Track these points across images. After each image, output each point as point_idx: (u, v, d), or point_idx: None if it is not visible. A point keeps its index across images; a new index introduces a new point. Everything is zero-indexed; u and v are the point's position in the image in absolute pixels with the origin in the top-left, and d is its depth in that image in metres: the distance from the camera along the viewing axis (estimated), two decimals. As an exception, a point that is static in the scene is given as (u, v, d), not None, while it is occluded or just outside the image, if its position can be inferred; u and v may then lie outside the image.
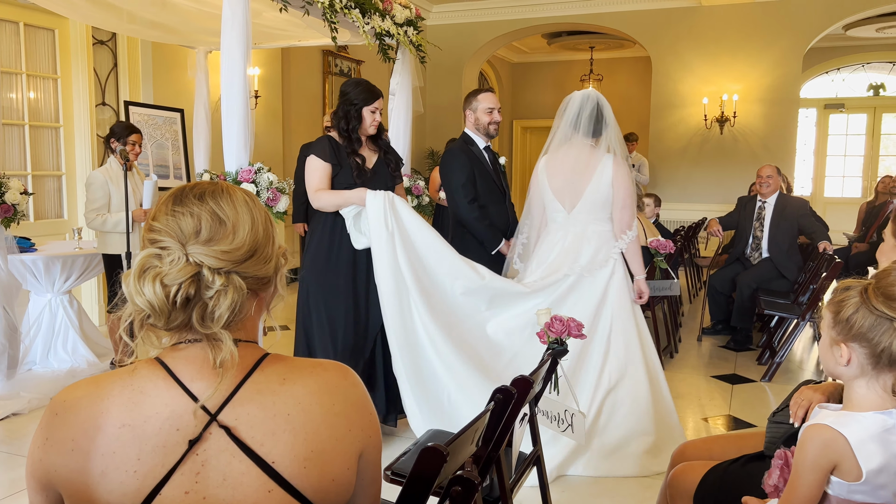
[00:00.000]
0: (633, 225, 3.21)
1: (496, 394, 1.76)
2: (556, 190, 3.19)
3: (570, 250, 3.13)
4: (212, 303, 0.98)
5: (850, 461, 1.39)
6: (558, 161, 3.20)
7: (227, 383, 0.99)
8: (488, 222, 3.58)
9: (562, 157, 3.19)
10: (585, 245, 3.13)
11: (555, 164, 3.21)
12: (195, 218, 1.00)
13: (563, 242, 3.18)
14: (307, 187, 3.25)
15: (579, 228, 3.16)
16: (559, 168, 3.18)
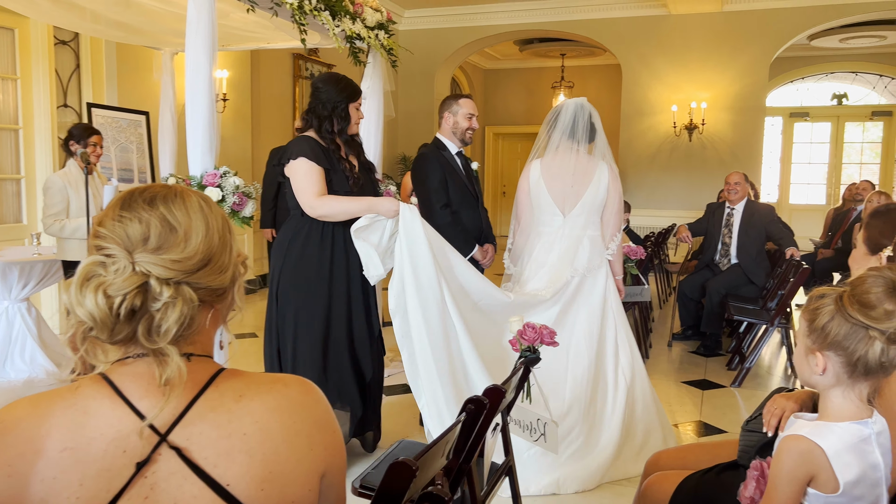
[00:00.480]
0: (621, 228, 3.38)
1: (467, 404, 1.71)
2: (555, 194, 3.26)
3: (569, 252, 3.23)
4: (158, 315, 0.91)
5: (828, 473, 1.37)
6: (556, 166, 3.27)
7: (176, 401, 0.93)
8: (461, 227, 3.54)
9: (560, 163, 3.26)
10: (581, 248, 3.24)
11: (553, 169, 3.27)
12: (143, 224, 0.94)
13: (561, 245, 3.26)
14: (301, 193, 2.88)
15: (576, 232, 3.26)
16: (558, 173, 3.26)
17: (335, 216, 2.94)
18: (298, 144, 2.92)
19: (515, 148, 13.76)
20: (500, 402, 1.79)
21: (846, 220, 7.10)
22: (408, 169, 9.39)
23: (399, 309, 2.85)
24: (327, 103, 2.98)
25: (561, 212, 3.27)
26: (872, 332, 1.33)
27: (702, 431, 3.76)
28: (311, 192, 2.86)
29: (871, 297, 1.33)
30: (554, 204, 3.28)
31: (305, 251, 2.94)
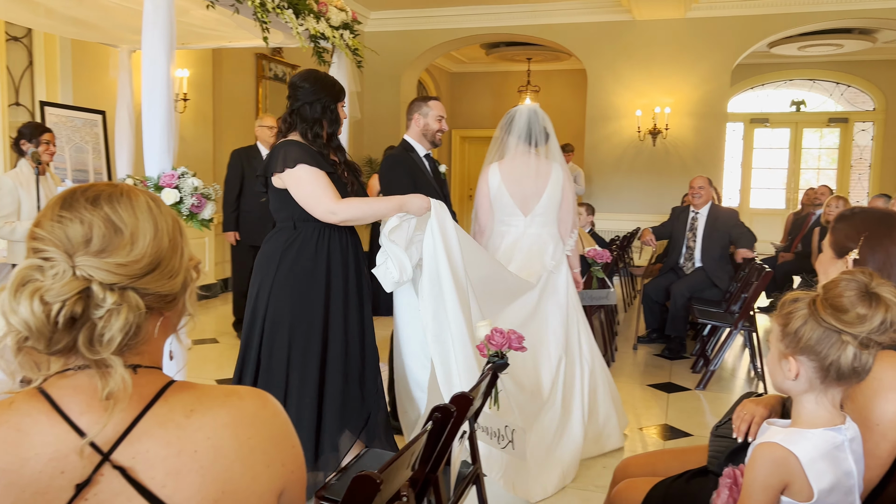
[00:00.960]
0: (577, 225, 3.62)
1: (434, 412, 1.66)
2: (516, 195, 3.41)
3: (534, 250, 3.41)
4: (101, 323, 0.85)
5: (802, 481, 1.35)
6: (516, 169, 3.42)
7: (121, 417, 0.86)
8: None
9: (519, 166, 3.42)
10: (544, 246, 3.43)
11: (513, 172, 3.43)
12: (85, 225, 0.87)
13: (523, 243, 3.43)
14: (314, 200, 2.61)
15: (536, 230, 3.44)
16: (518, 176, 3.42)
17: (362, 219, 2.78)
18: (291, 151, 2.63)
19: (482, 151, 13.66)
20: (467, 409, 1.74)
21: (805, 224, 7.23)
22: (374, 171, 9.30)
23: (435, 310, 2.75)
24: (315, 104, 2.74)
25: (522, 212, 3.45)
26: (845, 336, 1.32)
27: (668, 434, 3.77)
28: (329, 197, 2.62)
29: (844, 301, 1.32)
30: (515, 205, 3.46)
31: (300, 265, 2.67)
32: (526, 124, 3.43)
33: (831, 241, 1.66)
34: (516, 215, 3.45)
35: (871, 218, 1.62)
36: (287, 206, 2.71)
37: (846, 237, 1.63)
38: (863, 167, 12.37)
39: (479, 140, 13.63)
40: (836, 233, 1.65)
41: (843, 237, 1.63)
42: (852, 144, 12.34)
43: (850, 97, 12.27)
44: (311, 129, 2.72)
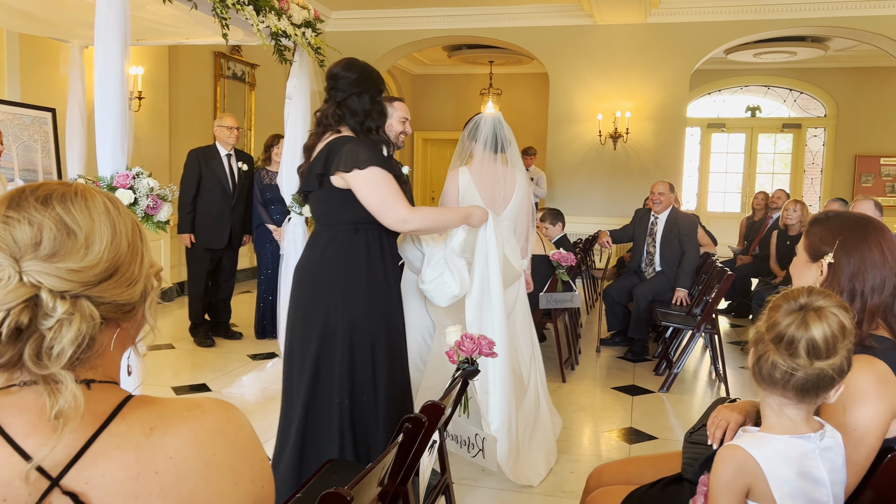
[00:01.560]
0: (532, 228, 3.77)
1: (405, 423, 1.60)
2: (486, 199, 3.43)
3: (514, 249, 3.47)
4: (50, 335, 0.77)
5: (763, 485, 1.34)
6: (485, 174, 3.47)
7: (72, 437, 0.78)
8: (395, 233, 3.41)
9: (488, 171, 3.48)
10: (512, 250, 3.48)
11: (483, 177, 3.47)
12: (35, 227, 0.79)
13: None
14: (387, 206, 2.40)
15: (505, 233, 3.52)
16: (488, 181, 3.47)
17: (430, 230, 2.67)
18: (361, 150, 2.38)
19: (444, 153, 13.73)
20: (439, 419, 1.69)
21: (763, 227, 7.36)
22: (335, 173, 9.20)
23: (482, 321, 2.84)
24: (363, 94, 2.48)
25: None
26: (799, 373, 1.31)
27: (633, 438, 3.77)
28: (401, 205, 2.43)
29: (798, 348, 1.31)
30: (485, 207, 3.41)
31: (372, 269, 2.48)
32: (492, 131, 3.48)
33: (806, 245, 1.65)
34: None
35: (846, 222, 1.62)
36: (348, 208, 2.45)
37: (821, 241, 1.62)
38: (815, 172, 12.68)
39: (442, 142, 13.60)
40: (810, 236, 1.64)
41: (818, 241, 1.62)
42: (805, 149, 12.64)
43: (802, 103, 12.58)
44: (364, 123, 2.49)
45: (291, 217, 4.53)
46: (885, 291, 1.58)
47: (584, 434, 3.84)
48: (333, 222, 2.49)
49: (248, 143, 8.53)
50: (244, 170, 5.54)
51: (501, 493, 3.00)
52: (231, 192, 5.45)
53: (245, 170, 5.54)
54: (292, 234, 4.49)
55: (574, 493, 3.03)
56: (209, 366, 4.92)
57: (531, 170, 9.59)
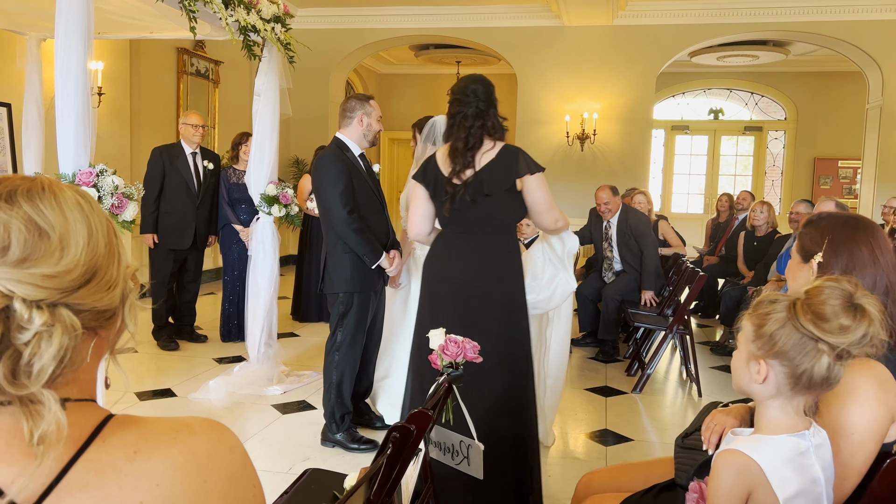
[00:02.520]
0: None
1: (392, 433, 1.53)
2: None
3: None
4: (29, 350, 0.68)
5: (765, 489, 1.31)
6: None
7: (46, 465, 0.69)
8: (368, 234, 3.34)
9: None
10: None
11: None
12: (2, 228, 0.70)
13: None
14: (550, 206, 2.73)
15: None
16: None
17: (560, 231, 3.02)
18: (528, 156, 2.69)
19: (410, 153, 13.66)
20: (427, 426, 1.62)
21: (729, 228, 7.44)
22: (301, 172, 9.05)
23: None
24: (494, 106, 2.75)
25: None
26: (822, 345, 1.27)
27: (608, 440, 3.75)
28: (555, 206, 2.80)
29: (827, 310, 1.27)
30: None
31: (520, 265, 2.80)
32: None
33: (798, 247, 1.63)
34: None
35: (835, 222, 1.60)
36: (515, 211, 2.70)
37: (811, 241, 1.60)
38: (776, 174, 12.93)
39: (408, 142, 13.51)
40: (802, 238, 1.62)
41: (808, 241, 1.60)
42: (766, 152, 12.88)
43: (763, 107, 12.81)
44: (501, 131, 2.72)
45: (260, 217, 4.42)
46: (878, 291, 1.56)
47: (560, 437, 3.81)
48: (504, 223, 2.70)
49: (213, 141, 8.34)
50: (210, 168, 5.39)
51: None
52: (196, 192, 5.30)
53: (211, 168, 5.39)
54: (260, 235, 4.38)
55: (553, 498, 2.99)
56: (173, 370, 4.77)
57: (499, 170, 9.56)
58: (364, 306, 3.43)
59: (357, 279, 3.36)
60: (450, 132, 2.69)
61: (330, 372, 3.44)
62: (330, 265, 3.41)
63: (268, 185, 4.35)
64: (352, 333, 3.40)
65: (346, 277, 3.36)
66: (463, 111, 2.66)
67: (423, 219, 2.77)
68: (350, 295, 3.39)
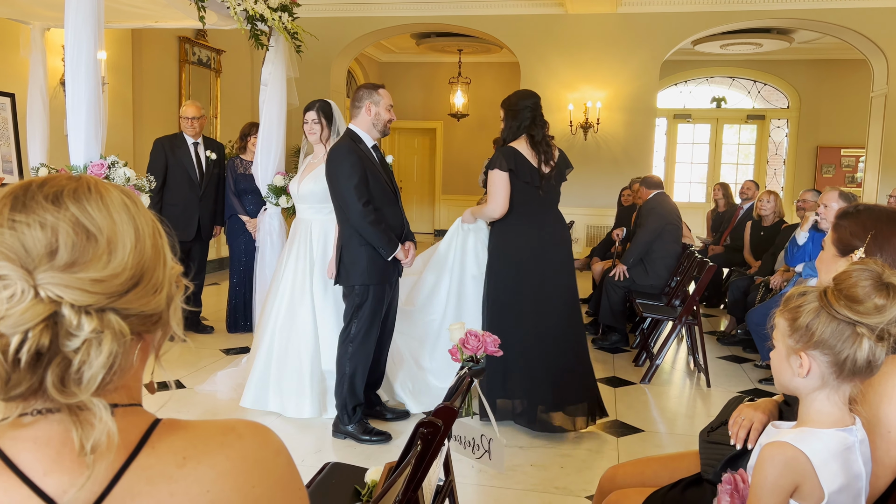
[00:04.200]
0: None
1: (420, 428, 1.52)
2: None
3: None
4: (78, 358, 0.66)
5: (813, 482, 1.29)
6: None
7: (99, 473, 0.67)
8: (384, 226, 3.31)
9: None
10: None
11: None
12: (49, 230, 0.68)
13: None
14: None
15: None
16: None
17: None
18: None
19: (412, 143, 13.62)
20: (453, 421, 1.61)
21: (734, 217, 7.42)
22: (303, 162, 9.01)
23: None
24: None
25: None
26: (860, 328, 1.26)
27: (619, 431, 3.74)
28: None
29: (859, 292, 1.26)
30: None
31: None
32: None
33: (834, 239, 1.61)
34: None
35: (877, 216, 1.58)
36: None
37: (852, 235, 1.58)
38: (778, 162, 12.90)
39: (410, 132, 13.46)
40: (839, 230, 1.60)
41: (848, 235, 1.58)
42: (768, 140, 12.84)
43: (766, 95, 12.76)
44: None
45: (267, 208, 4.39)
46: (915, 286, 1.54)
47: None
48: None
49: (215, 130, 8.30)
50: (213, 158, 5.35)
51: (495, 491, 2.94)
52: (199, 182, 5.26)
53: (214, 158, 5.35)
54: (268, 226, 4.37)
55: (567, 490, 2.99)
56: (180, 361, 4.76)
57: (503, 160, 9.53)
58: (379, 298, 3.41)
59: (373, 271, 3.35)
60: (532, 129, 3.61)
61: (343, 363, 3.42)
62: (346, 258, 3.38)
63: (275, 176, 4.32)
64: (367, 325, 3.39)
65: (363, 270, 3.34)
66: (538, 113, 3.65)
67: (508, 199, 3.54)
68: (366, 287, 3.37)
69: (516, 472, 3.14)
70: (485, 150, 11.17)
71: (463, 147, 13.07)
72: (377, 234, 3.26)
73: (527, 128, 3.58)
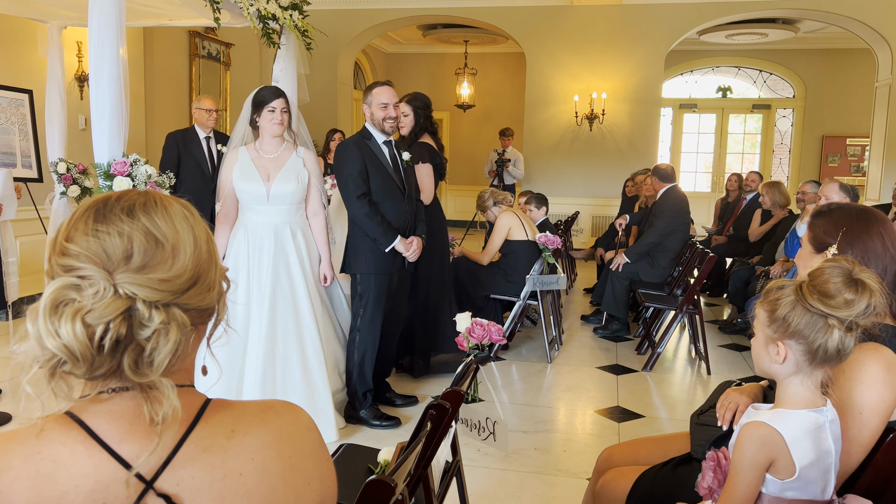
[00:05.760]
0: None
1: (429, 410, 1.65)
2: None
3: None
4: (150, 345, 0.79)
5: (786, 458, 1.42)
6: None
7: (164, 441, 0.81)
8: (380, 218, 3.45)
9: None
10: None
11: None
12: (124, 238, 0.81)
13: None
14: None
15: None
16: None
17: None
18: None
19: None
20: (460, 404, 1.74)
21: (737, 208, 7.51)
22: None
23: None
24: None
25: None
26: (832, 320, 1.38)
27: (621, 416, 3.87)
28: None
29: (831, 287, 1.38)
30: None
31: None
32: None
33: (810, 237, 1.73)
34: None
35: (848, 214, 1.69)
36: None
37: (825, 233, 1.69)
38: (783, 152, 12.94)
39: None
40: (814, 228, 1.72)
41: (821, 233, 1.70)
42: (774, 130, 12.88)
43: (772, 84, 12.79)
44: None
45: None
46: (888, 279, 1.66)
47: (574, 414, 3.94)
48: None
49: (225, 124, 8.42)
50: (224, 152, 5.47)
51: (500, 473, 3.07)
52: (210, 175, 5.39)
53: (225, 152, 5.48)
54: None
55: (569, 472, 3.12)
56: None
57: (508, 151, 9.63)
58: (381, 287, 3.54)
59: (373, 261, 3.49)
60: (431, 125, 4.17)
61: (352, 352, 3.56)
62: (350, 247, 3.56)
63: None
64: (371, 314, 3.52)
65: (364, 259, 3.50)
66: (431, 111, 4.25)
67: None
68: (367, 276, 3.51)
69: (521, 454, 3.28)
70: (491, 140, 11.26)
71: (469, 137, 13.16)
72: (371, 226, 3.41)
73: (430, 125, 4.17)
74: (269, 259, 3.25)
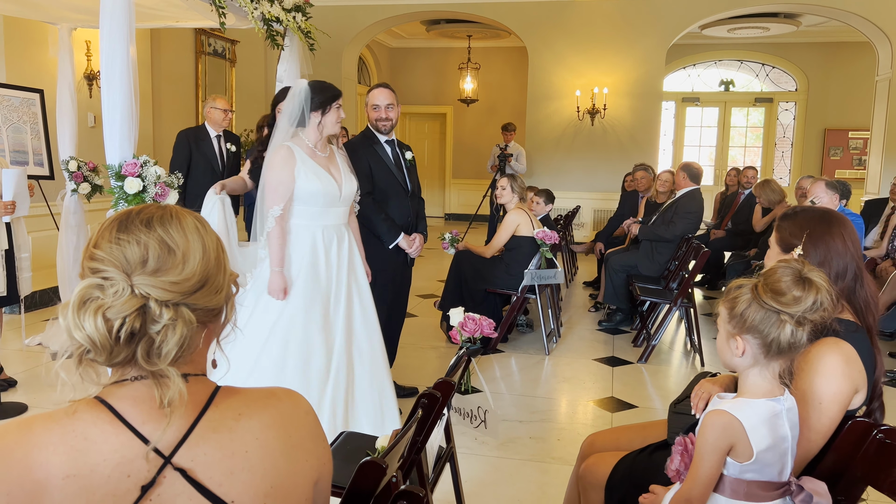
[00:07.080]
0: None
1: (421, 399, 1.77)
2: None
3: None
4: (159, 338, 0.93)
5: (744, 443, 1.54)
6: None
7: (179, 423, 0.95)
8: (384, 216, 3.57)
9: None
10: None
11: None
12: (142, 246, 0.95)
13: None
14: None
15: None
16: None
17: None
18: None
19: (422, 128, 13.81)
20: (451, 394, 1.86)
21: (735, 202, 7.61)
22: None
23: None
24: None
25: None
26: (783, 315, 1.50)
27: (615, 407, 4.00)
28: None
29: (782, 286, 1.50)
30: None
31: None
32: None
33: (777, 239, 1.84)
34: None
35: (812, 217, 1.81)
36: None
37: (790, 234, 1.81)
38: (786, 145, 12.99)
39: (420, 116, 13.65)
40: (781, 231, 1.84)
41: (787, 235, 1.82)
42: (776, 123, 12.93)
43: (774, 78, 12.83)
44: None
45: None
46: (848, 276, 1.78)
47: (569, 404, 4.07)
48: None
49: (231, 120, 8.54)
50: (232, 151, 5.61)
51: (495, 460, 3.21)
52: (221, 174, 5.50)
53: (234, 151, 5.61)
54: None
55: (562, 460, 3.25)
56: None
57: (511, 145, 9.73)
58: (383, 283, 3.67)
59: (375, 256, 3.61)
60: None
61: (353, 345, 3.69)
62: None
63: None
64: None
65: (369, 254, 3.61)
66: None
67: None
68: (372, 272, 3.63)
69: (516, 443, 3.41)
70: (494, 134, 11.36)
71: (473, 132, 13.26)
72: (375, 223, 3.53)
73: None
74: (345, 261, 3.11)
